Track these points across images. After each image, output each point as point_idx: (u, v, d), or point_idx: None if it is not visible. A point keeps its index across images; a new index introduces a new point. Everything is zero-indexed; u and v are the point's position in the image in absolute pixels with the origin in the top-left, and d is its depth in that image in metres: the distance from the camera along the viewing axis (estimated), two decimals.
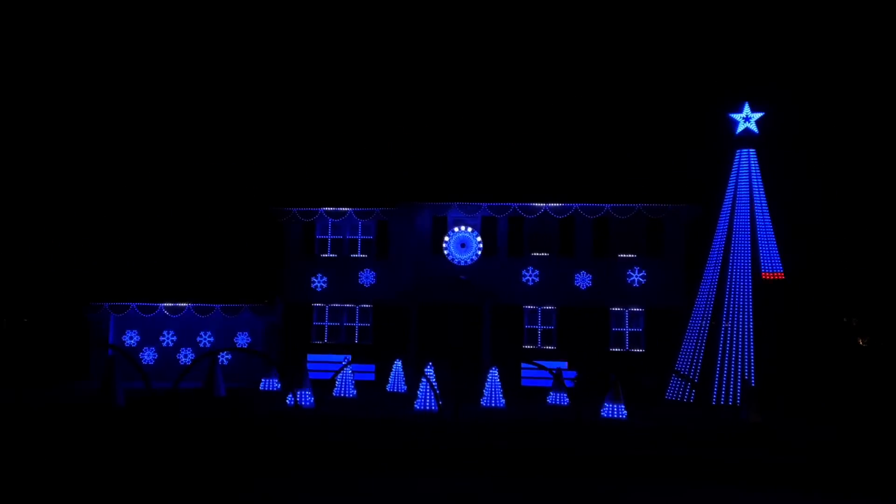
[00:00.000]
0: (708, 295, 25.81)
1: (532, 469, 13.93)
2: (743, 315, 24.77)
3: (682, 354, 26.10)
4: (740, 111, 26.19)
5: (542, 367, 22.38)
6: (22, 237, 43.21)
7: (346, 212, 31.29)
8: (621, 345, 29.53)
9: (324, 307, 31.41)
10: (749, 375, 23.77)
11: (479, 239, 30.35)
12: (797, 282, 25.51)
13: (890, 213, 40.85)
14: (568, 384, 24.15)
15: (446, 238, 30.43)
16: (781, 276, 24.97)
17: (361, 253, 31.43)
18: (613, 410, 20.68)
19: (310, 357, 30.21)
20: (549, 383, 25.10)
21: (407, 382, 26.60)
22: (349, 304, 31.25)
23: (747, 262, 25.34)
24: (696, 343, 25.39)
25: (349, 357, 24.00)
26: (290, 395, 21.19)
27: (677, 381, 25.48)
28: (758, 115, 26.10)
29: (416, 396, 22.05)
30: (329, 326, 31.31)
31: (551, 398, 24.14)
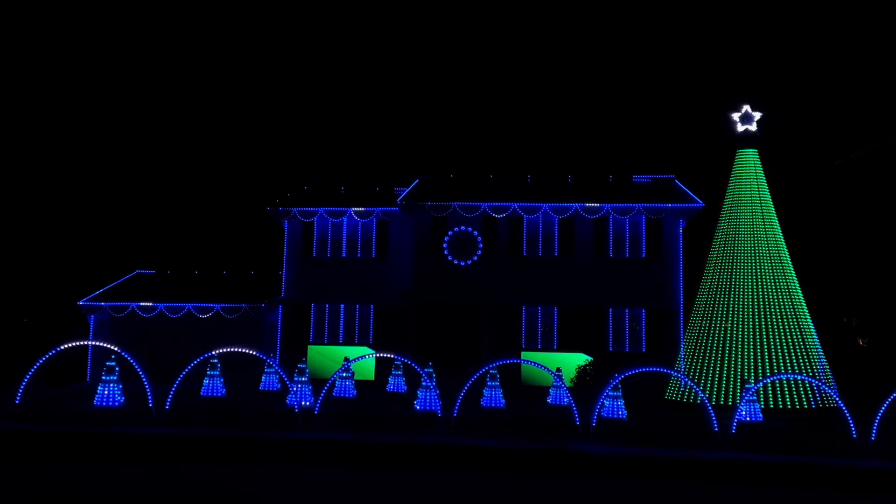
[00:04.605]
0: (708, 295, 25.79)
1: (531, 469, 13.93)
2: (743, 315, 24.74)
3: (682, 354, 26.07)
4: (740, 111, 26.17)
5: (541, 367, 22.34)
6: (22, 237, 43.16)
7: (346, 212, 31.29)
8: (621, 345, 29.53)
9: (323, 307, 31.40)
10: (749, 375, 23.75)
11: (479, 239, 30.35)
12: (798, 281, 25.46)
13: (890, 212, 40.82)
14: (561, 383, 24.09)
15: (446, 238, 30.42)
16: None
17: (361, 253, 31.42)
18: (613, 410, 20.65)
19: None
20: (550, 383, 25.03)
21: (407, 383, 26.59)
22: (349, 304, 31.24)
23: (747, 262, 25.31)
24: (696, 343, 25.38)
25: (348, 364, 24.00)
26: (290, 395, 21.17)
27: (677, 381, 25.46)
28: (758, 115, 26.08)
29: (416, 397, 22.03)
30: (329, 326, 31.29)
31: (551, 398, 24.12)
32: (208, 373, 24.43)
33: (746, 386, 21.35)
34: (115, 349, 20.37)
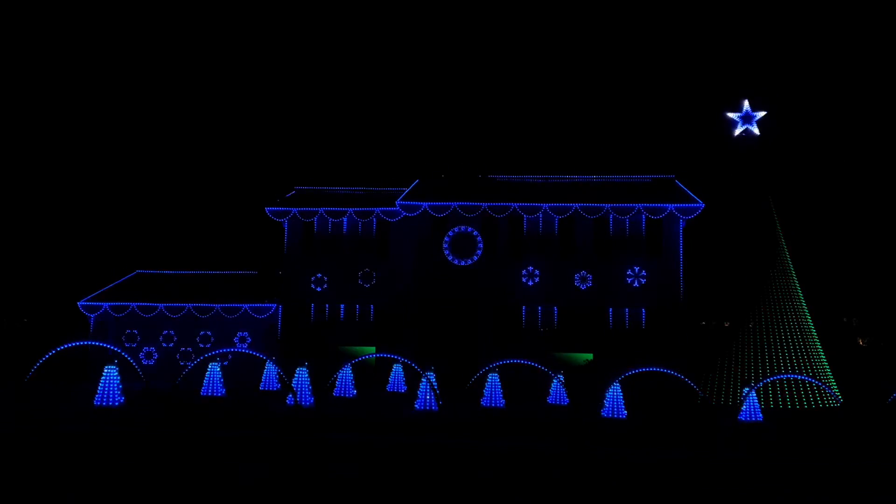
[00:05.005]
0: (709, 295, 25.77)
1: (531, 468, 13.91)
2: (744, 315, 24.72)
3: (682, 354, 26.05)
4: (740, 111, 26.15)
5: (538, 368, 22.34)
6: (22, 237, 43.17)
7: (346, 212, 31.28)
8: (622, 344, 29.44)
9: (323, 307, 31.38)
10: (749, 375, 23.74)
11: (479, 239, 30.33)
12: (798, 281, 25.46)
13: (890, 212, 40.81)
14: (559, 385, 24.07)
15: (446, 238, 30.40)
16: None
17: (362, 253, 31.39)
18: (614, 410, 20.64)
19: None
20: (550, 383, 25.00)
21: (407, 382, 26.58)
22: (349, 304, 31.22)
23: (747, 262, 25.28)
24: (698, 343, 25.36)
25: (349, 364, 24.02)
26: (290, 395, 21.17)
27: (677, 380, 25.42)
28: (758, 115, 26.06)
29: (416, 396, 22.02)
30: (329, 326, 31.25)
31: (551, 398, 24.10)
32: (208, 373, 24.37)
33: (745, 387, 21.37)
34: (115, 349, 20.38)
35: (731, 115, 26.26)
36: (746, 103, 26.12)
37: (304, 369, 23.30)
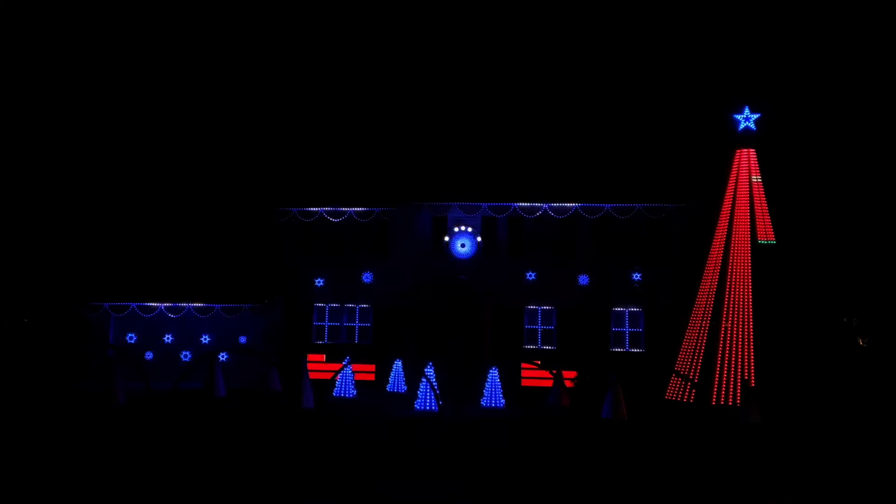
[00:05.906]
0: (708, 295, 25.80)
1: (530, 468, 13.93)
2: (743, 315, 24.76)
3: (682, 354, 26.06)
4: (740, 112, 26.18)
5: (539, 366, 22.37)
6: (21, 237, 43.19)
7: (346, 212, 31.30)
8: (622, 345, 29.51)
9: (324, 307, 31.41)
10: (749, 375, 23.76)
11: (479, 239, 30.34)
12: (797, 281, 25.46)
13: (890, 212, 40.82)
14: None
15: (446, 238, 30.42)
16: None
17: (361, 253, 31.41)
18: (613, 411, 20.64)
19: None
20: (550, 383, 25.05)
21: (407, 382, 26.60)
22: (349, 304, 31.25)
23: (747, 262, 25.33)
24: (696, 343, 25.38)
25: (349, 364, 24.02)
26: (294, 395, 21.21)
27: (678, 381, 25.46)
28: (757, 116, 26.09)
29: (416, 396, 22.07)
30: (329, 326, 31.29)
31: (552, 398, 24.12)
32: (209, 372, 24.36)
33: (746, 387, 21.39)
34: (116, 349, 20.41)
35: (731, 114, 26.27)
36: (747, 104, 26.16)
37: (306, 369, 23.32)
